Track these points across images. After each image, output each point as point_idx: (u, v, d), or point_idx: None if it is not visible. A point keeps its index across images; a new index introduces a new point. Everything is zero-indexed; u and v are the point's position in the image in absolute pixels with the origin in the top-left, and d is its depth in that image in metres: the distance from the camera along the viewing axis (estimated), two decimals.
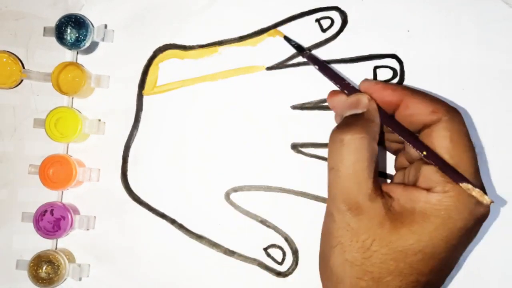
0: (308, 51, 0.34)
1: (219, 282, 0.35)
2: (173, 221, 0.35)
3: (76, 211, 0.36)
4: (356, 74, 0.35)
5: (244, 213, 0.35)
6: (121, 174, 0.36)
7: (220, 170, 0.35)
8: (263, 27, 0.36)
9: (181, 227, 0.35)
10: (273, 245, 0.35)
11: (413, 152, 0.29)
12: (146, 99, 0.36)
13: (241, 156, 0.35)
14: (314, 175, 0.35)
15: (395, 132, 0.28)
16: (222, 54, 0.36)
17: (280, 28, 0.36)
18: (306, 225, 0.34)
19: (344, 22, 0.35)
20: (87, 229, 0.35)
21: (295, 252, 0.35)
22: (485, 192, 0.26)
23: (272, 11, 0.36)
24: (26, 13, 0.37)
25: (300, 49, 0.34)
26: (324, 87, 0.35)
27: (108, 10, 0.37)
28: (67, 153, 0.36)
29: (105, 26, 0.36)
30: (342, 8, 0.35)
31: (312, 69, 0.35)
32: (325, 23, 0.36)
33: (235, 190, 0.35)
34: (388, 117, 0.29)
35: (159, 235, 0.35)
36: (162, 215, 0.35)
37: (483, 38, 0.35)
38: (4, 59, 0.36)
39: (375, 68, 0.35)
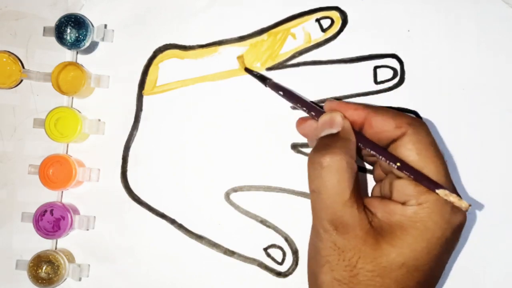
0: (270, 80, 0.34)
1: (219, 282, 0.35)
2: (173, 221, 0.35)
3: (76, 211, 0.36)
4: (356, 74, 0.35)
5: (244, 213, 0.35)
6: (121, 174, 0.36)
7: (220, 170, 0.35)
8: (263, 27, 0.36)
9: (181, 227, 0.35)
10: (273, 245, 0.35)
11: (385, 165, 0.29)
12: (146, 99, 0.36)
13: (241, 156, 0.35)
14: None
15: (366, 148, 0.29)
16: (222, 54, 0.36)
17: (280, 28, 0.36)
18: (306, 225, 0.34)
19: (344, 22, 0.35)
20: (87, 229, 0.35)
21: (295, 252, 0.35)
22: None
23: (272, 11, 0.36)
24: (26, 13, 0.37)
25: (262, 79, 0.34)
26: (324, 87, 0.35)
27: (108, 10, 0.37)
28: (67, 153, 0.36)
29: (105, 26, 0.36)
30: (342, 8, 0.35)
31: (312, 70, 0.35)
32: (325, 23, 0.36)
33: (235, 190, 0.35)
34: (358, 134, 0.29)
35: (159, 235, 0.35)
36: (162, 215, 0.35)
37: (483, 37, 0.35)
38: (4, 59, 0.36)
39: (375, 68, 0.35)
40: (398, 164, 0.27)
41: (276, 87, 0.33)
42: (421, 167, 0.27)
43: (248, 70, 0.35)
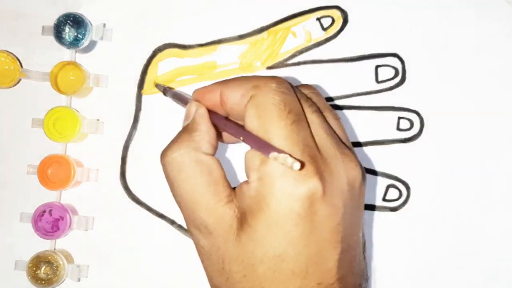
0: (168, 88, 0.33)
1: None
2: (172, 222, 0.35)
3: (74, 212, 0.35)
4: (357, 73, 0.35)
5: None
6: (120, 174, 0.36)
7: None
8: (263, 25, 0.36)
9: (180, 227, 0.35)
10: None
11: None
12: (145, 98, 0.36)
13: (241, 156, 0.35)
14: None
15: (225, 131, 0.26)
16: (221, 53, 0.36)
17: (280, 26, 0.35)
18: None
19: (345, 20, 0.35)
20: (86, 230, 0.35)
21: None
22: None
23: (272, 9, 0.35)
24: (24, 12, 0.37)
25: (164, 91, 0.33)
26: (325, 86, 0.35)
27: (107, 9, 0.36)
28: (65, 153, 0.36)
29: (104, 25, 0.36)
30: (343, 7, 0.35)
31: (313, 69, 0.35)
32: (326, 21, 0.35)
33: None
34: (219, 117, 0.26)
35: (158, 236, 0.35)
36: (161, 216, 0.35)
37: (485, 37, 0.34)
38: (3, 59, 0.35)
39: (377, 67, 0.35)
40: (241, 137, 0.24)
41: (172, 95, 0.32)
42: (261, 133, 0.23)
43: (157, 85, 0.35)
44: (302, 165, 0.22)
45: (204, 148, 0.25)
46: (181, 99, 0.31)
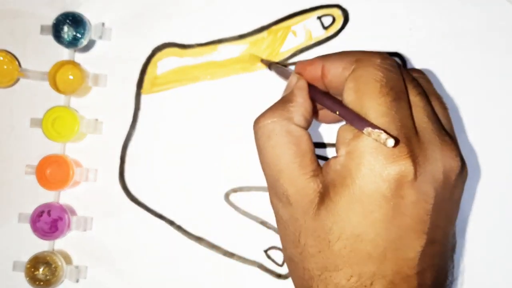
0: (273, 63, 0.33)
1: (219, 284, 0.34)
2: (171, 223, 0.35)
3: (73, 212, 0.35)
4: None
5: (244, 214, 0.35)
6: (118, 174, 0.35)
7: (219, 170, 0.35)
8: (263, 24, 0.35)
9: (179, 228, 0.35)
10: (273, 247, 0.34)
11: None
12: (144, 98, 0.36)
13: (241, 156, 0.35)
14: None
15: (322, 104, 0.26)
16: (221, 52, 0.35)
17: (280, 25, 0.35)
18: None
19: (346, 19, 0.35)
20: (85, 230, 0.35)
21: None
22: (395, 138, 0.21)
23: (272, 8, 0.35)
24: (23, 11, 0.37)
25: (269, 66, 0.33)
26: None
27: (106, 8, 0.36)
28: (64, 153, 0.36)
29: (103, 24, 0.36)
30: (344, 6, 0.35)
31: None
32: (327, 20, 0.35)
33: (235, 190, 0.35)
34: (317, 90, 0.26)
35: (157, 237, 0.35)
36: (161, 216, 0.35)
37: (486, 36, 0.34)
38: (1, 58, 0.35)
39: None
40: (337, 112, 0.23)
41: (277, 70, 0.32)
42: (359, 107, 0.22)
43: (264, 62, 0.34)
44: (397, 142, 0.21)
45: (297, 120, 0.25)
46: (284, 74, 0.30)
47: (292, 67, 0.34)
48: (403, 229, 0.22)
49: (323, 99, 0.25)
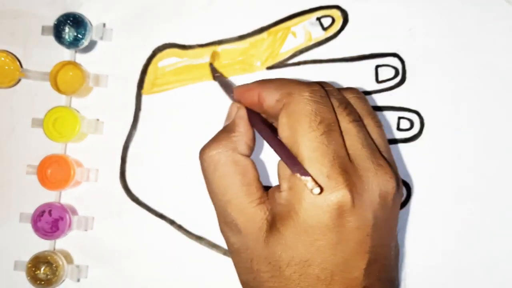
0: (219, 75, 0.34)
1: (219, 284, 0.35)
2: (172, 222, 0.35)
3: (74, 212, 0.35)
4: (357, 73, 0.35)
5: None
6: (119, 174, 0.36)
7: None
8: (263, 25, 0.35)
9: (180, 228, 0.35)
10: None
11: None
12: (145, 98, 0.36)
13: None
14: None
15: (260, 135, 0.26)
16: (222, 53, 0.36)
17: (280, 26, 0.35)
18: None
19: (345, 20, 0.35)
20: (86, 230, 0.35)
21: None
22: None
23: (272, 9, 0.35)
24: (24, 12, 0.37)
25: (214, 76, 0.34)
26: None
27: (106, 9, 0.36)
28: (65, 153, 0.36)
29: (104, 25, 0.36)
30: (343, 7, 0.35)
31: (313, 68, 0.35)
32: (326, 21, 0.35)
33: None
34: (256, 119, 0.27)
35: (158, 236, 0.35)
36: (161, 216, 0.35)
37: (485, 36, 0.34)
38: (2, 58, 0.35)
39: (377, 67, 0.35)
40: (273, 149, 0.24)
41: (221, 82, 0.33)
42: (292, 144, 0.24)
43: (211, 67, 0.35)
44: (321, 190, 0.22)
45: (241, 149, 0.26)
46: (227, 88, 0.31)
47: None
48: (347, 252, 0.24)
49: (261, 131, 0.26)
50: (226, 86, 0.32)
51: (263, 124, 0.27)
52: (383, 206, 0.25)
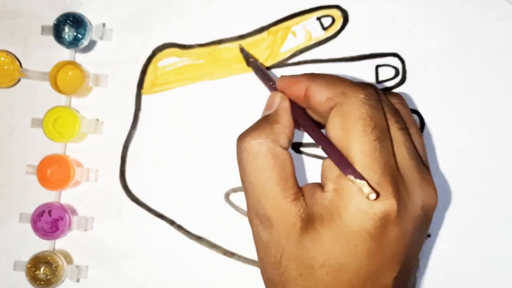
0: (253, 60, 0.33)
1: (219, 284, 0.35)
2: (172, 222, 0.35)
3: (74, 212, 0.35)
4: (357, 73, 0.35)
5: (244, 214, 0.35)
6: (119, 174, 0.36)
7: (219, 170, 0.35)
8: (263, 25, 0.35)
9: (180, 228, 0.35)
10: None
11: None
12: (144, 98, 0.36)
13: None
14: (315, 175, 0.34)
15: (306, 131, 0.26)
16: (221, 53, 0.36)
17: (280, 26, 0.35)
18: None
19: (345, 20, 0.35)
20: (85, 230, 0.35)
21: None
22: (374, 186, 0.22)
23: (272, 9, 0.35)
24: (24, 11, 0.37)
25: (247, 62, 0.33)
26: None
27: (106, 9, 0.36)
28: (65, 153, 0.36)
29: (104, 25, 0.36)
30: (343, 6, 0.35)
31: (313, 68, 0.35)
32: (326, 21, 0.35)
33: (235, 190, 0.35)
34: (301, 113, 0.26)
35: (158, 236, 0.35)
36: (161, 216, 0.35)
37: (485, 36, 0.34)
38: (2, 58, 0.35)
39: (377, 66, 0.35)
40: (321, 146, 0.24)
41: (256, 67, 0.32)
42: (343, 145, 0.23)
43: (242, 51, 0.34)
44: (377, 196, 0.22)
45: (282, 142, 0.25)
46: (263, 74, 0.30)
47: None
48: (383, 261, 0.23)
49: (308, 128, 0.26)
50: (261, 72, 0.31)
51: (311, 121, 0.26)
52: (423, 220, 0.24)
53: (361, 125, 0.23)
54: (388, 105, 0.25)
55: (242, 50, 0.35)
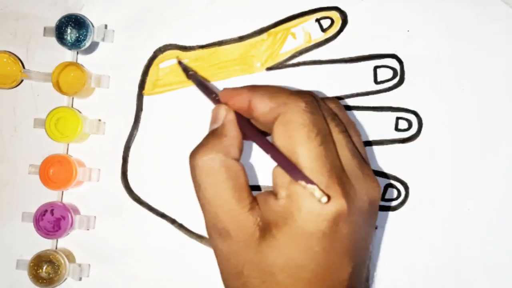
0: (193, 72, 0.33)
1: (219, 283, 0.35)
2: (173, 221, 0.35)
3: (76, 211, 0.36)
4: (356, 74, 0.35)
5: None
6: (121, 174, 0.36)
7: None
8: (263, 26, 0.36)
9: (181, 227, 0.35)
10: None
11: None
12: (146, 99, 0.36)
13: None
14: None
15: (253, 141, 0.26)
16: (222, 54, 0.36)
17: (280, 28, 0.36)
18: None
19: (344, 22, 0.35)
20: (87, 229, 0.35)
21: None
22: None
23: (272, 11, 0.36)
24: (26, 13, 0.37)
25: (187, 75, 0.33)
26: (324, 86, 0.35)
27: (108, 10, 0.37)
28: (67, 153, 0.36)
29: (105, 26, 0.36)
30: (342, 8, 0.35)
31: (312, 69, 0.35)
32: (325, 23, 0.36)
33: None
34: (246, 124, 0.27)
35: (159, 235, 0.35)
36: (162, 215, 0.35)
37: (483, 38, 0.35)
38: (4, 59, 0.36)
39: (375, 68, 0.35)
40: (270, 154, 0.24)
41: (196, 80, 0.32)
42: (290, 153, 0.24)
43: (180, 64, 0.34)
44: (329, 198, 0.23)
45: (233, 154, 0.26)
46: (204, 87, 0.30)
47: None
48: (339, 257, 0.24)
49: (254, 137, 0.26)
50: (202, 85, 0.31)
51: (257, 130, 0.27)
52: (370, 213, 0.26)
53: (305, 132, 0.24)
54: (327, 110, 0.27)
55: (180, 63, 0.34)
